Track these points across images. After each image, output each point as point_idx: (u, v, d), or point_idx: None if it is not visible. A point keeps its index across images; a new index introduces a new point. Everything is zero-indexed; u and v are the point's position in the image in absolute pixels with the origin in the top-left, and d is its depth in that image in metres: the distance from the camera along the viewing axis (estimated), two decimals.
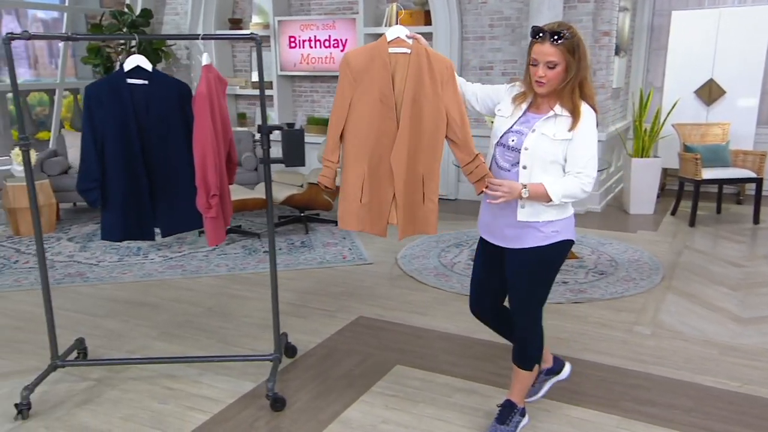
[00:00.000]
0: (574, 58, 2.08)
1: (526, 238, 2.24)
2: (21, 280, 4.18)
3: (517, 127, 2.22)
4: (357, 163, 2.39)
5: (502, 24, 6.17)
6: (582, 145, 2.15)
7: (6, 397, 2.71)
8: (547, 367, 2.69)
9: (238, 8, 7.50)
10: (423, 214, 2.44)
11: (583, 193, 2.18)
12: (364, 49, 2.37)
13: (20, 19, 8.50)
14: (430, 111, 2.32)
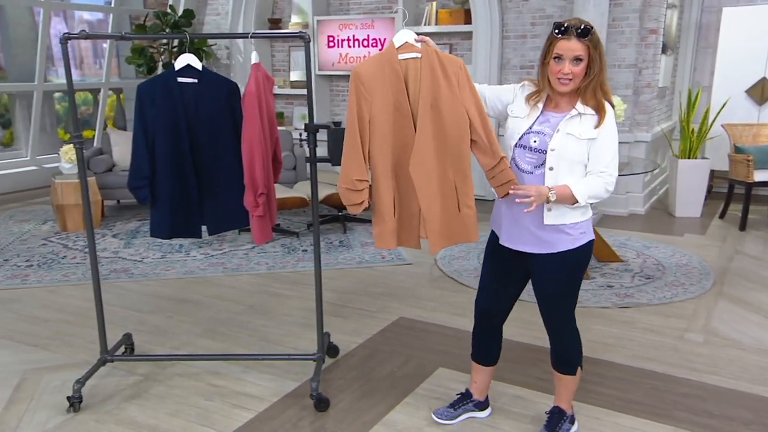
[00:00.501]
0: (597, 53, 2.04)
1: (556, 242, 2.18)
2: (69, 275, 4.28)
3: (537, 127, 2.14)
4: (385, 179, 2.33)
5: (544, 22, 6.07)
6: (606, 144, 2.10)
7: (58, 390, 2.77)
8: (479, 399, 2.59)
9: (277, 8, 7.56)
10: (460, 222, 2.35)
11: (606, 193, 2.13)
12: (373, 60, 2.29)
13: (67, 21, 8.72)
14: (451, 114, 2.23)
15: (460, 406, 2.57)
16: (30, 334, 3.37)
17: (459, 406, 2.56)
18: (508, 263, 2.33)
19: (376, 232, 2.39)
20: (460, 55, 6.64)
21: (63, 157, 5.36)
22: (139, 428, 2.51)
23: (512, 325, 3.44)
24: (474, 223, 2.36)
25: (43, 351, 3.17)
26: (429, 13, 6.48)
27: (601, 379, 2.89)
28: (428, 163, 2.28)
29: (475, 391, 2.59)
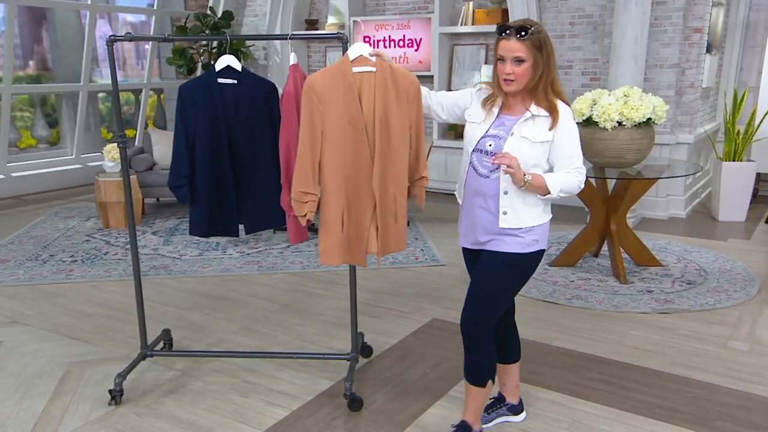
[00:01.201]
0: (542, 54, 2.01)
1: (506, 242, 2.15)
2: (111, 271, 4.39)
3: (493, 131, 2.13)
4: (336, 193, 2.34)
5: (584, 22, 5.97)
6: (565, 144, 2.08)
7: (100, 383, 2.85)
8: (512, 403, 2.54)
9: (314, 9, 7.62)
10: (396, 233, 2.43)
11: (578, 189, 2.13)
12: (327, 72, 2.31)
13: (111, 23, 8.96)
14: (398, 129, 2.30)
15: (493, 410, 2.54)
16: (74, 327, 3.47)
17: (492, 410, 2.53)
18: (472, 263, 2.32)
19: (322, 248, 2.39)
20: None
21: (106, 155, 5.50)
22: (177, 423, 2.56)
23: (550, 329, 3.41)
24: (405, 233, 2.47)
25: (86, 345, 3.26)
26: (465, 13, 6.44)
27: (639, 385, 2.83)
28: (378, 176, 2.33)
29: (506, 394, 2.55)
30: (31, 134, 8.00)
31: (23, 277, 4.28)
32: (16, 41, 7.92)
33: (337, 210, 2.36)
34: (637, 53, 5.14)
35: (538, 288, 4.00)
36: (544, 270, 4.34)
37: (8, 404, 2.68)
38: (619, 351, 3.17)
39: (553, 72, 2.06)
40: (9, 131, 7.00)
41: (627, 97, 3.94)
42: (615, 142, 3.93)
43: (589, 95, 4.04)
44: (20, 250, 4.89)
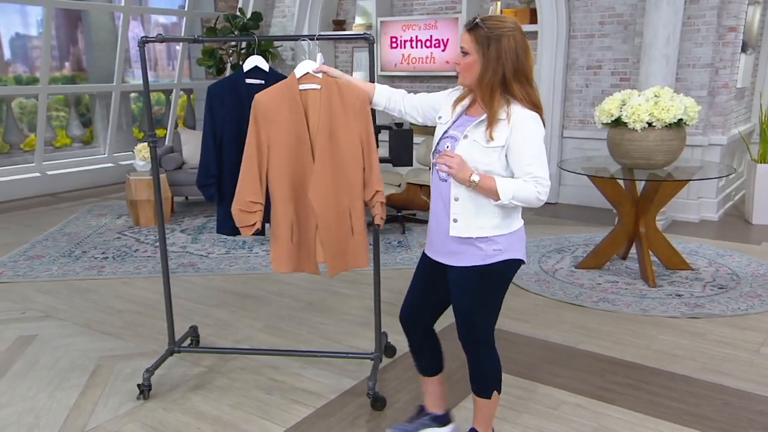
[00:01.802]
0: (488, 51, 1.89)
1: (466, 255, 2.03)
2: (140, 268, 4.48)
3: (452, 131, 2.05)
4: (283, 204, 2.41)
5: (614, 21, 5.88)
6: (523, 150, 1.92)
7: (129, 378, 2.91)
8: (436, 413, 2.42)
9: (341, 10, 7.66)
10: (354, 247, 2.45)
11: (538, 201, 1.94)
12: (275, 89, 2.38)
13: (144, 25, 9.14)
14: (346, 143, 2.35)
15: (415, 419, 2.43)
16: (105, 323, 3.55)
17: (414, 420, 2.43)
18: (431, 274, 2.21)
19: (272, 255, 2.47)
20: None
21: (137, 154, 5.62)
22: (203, 418, 2.60)
23: (575, 332, 3.38)
24: (365, 248, 2.48)
25: (117, 340, 3.34)
26: (493, 13, 6.40)
27: (667, 391, 2.78)
28: (326, 190, 2.38)
29: (429, 405, 2.43)
30: (66, 133, 8.20)
31: (57, 272, 4.39)
32: (52, 43, 8.13)
33: (286, 220, 2.43)
34: (669, 53, 5.05)
35: (563, 290, 3.96)
36: (570, 272, 4.29)
37: (42, 396, 2.76)
38: (646, 355, 3.12)
39: (505, 73, 1.91)
40: (45, 130, 7.19)
41: (657, 97, 3.87)
42: (644, 143, 3.86)
43: (618, 96, 3.98)
44: (54, 246, 5.02)
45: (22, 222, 5.80)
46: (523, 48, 1.91)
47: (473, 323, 2.14)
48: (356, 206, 2.43)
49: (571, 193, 6.26)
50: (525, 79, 1.93)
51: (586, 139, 6.12)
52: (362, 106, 2.35)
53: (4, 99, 7.44)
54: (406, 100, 2.32)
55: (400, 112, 2.32)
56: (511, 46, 1.89)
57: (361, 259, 2.49)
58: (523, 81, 1.93)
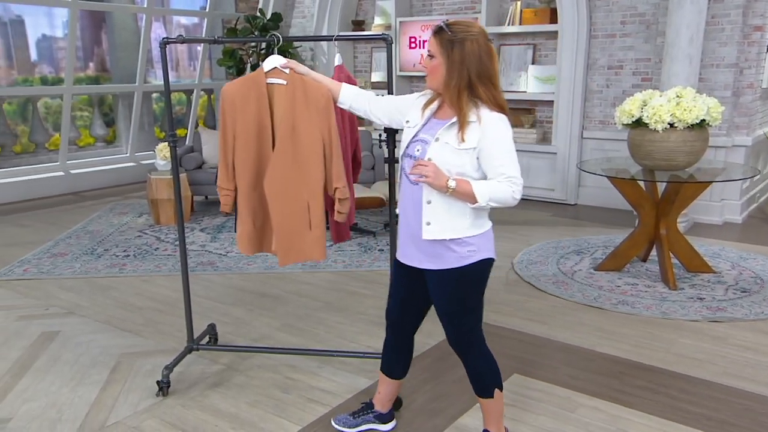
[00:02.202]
0: (452, 54, 1.93)
1: (441, 258, 2.06)
2: (161, 266, 4.54)
3: (422, 135, 2.07)
4: (248, 191, 2.52)
5: (636, 21, 5.82)
6: (494, 151, 1.96)
7: (149, 374, 2.95)
8: (381, 411, 2.49)
9: (361, 10, 7.68)
10: (311, 240, 2.51)
11: (513, 200, 1.99)
12: (243, 81, 2.48)
13: (166, 26, 9.26)
14: (308, 139, 2.42)
15: (360, 415, 2.50)
16: (125, 320, 3.61)
17: (359, 416, 2.50)
18: (407, 277, 2.22)
19: (237, 236, 2.62)
20: (544, 56, 6.49)
21: (158, 154, 5.69)
22: (221, 415, 2.62)
23: (593, 335, 3.35)
24: (322, 242, 2.53)
25: (137, 337, 3.39)
26: (513, 13, 6.37)
27: (687, 395, 2.75)
28: (283, 183, 2.46)
29: (377, 403, 2.49)
30: (90, 133, 8.34)
31: (80, 270, 4.46)
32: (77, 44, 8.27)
33: (249, 206, 2.55)
34: (692, 53, 4.97)
35: (582, 292, 3.93)
36: (589, 274, 4.25)
37: (64, 391, 2.81)
38: (666, 359, 3.08)
39: (470, 76, 1.94)
40: (69, 130, 7.32)
41: (680, 97, 3.82)
42: (666, 144, 3.82)
43: (639, 96, 3.94)
44: (77, 244, 5.10)
45: (47, 220, 5.91)
46: (486, 52, 1.96)
47: (458, 325, 2.17)
48: (315, 201, 2.49)
49: (591, 194, 6.21)
50: (489, 82, 1.97)
51: (607, 140, 6.06)
52: (326, 104, 2.42)
53: (30, 99, 7.59)
54: (372, 102, 2.36)
55: (365, 113, 2.37)
56: (474, 49, 1.94)
57: (318, 252, 2.55)
58: (488, 83, 1.97)
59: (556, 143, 6.28)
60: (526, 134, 6.46)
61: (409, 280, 2.23)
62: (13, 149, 7.57)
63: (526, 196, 6.55)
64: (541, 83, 6.42)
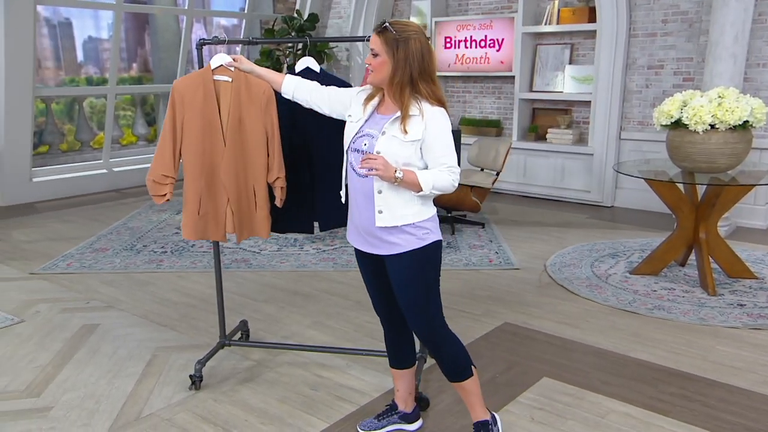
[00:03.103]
0: (397, 52, 2.03)
1: (400, 243, 2.14)
2: (196, 262, 4.64)
3: (367, 129, 2.16)
4: (195, 180, 2.70)
5: (678, 19, 5.67)
6: (436, 143, 2.08)
7: (182, 368, 3.02)
8: (405, 411, 2.50)
9: (397, 10, 7.69)
10: (258, 220, 2.78)
11: (452, 187, 2.10)
12: (192, 77, 2.67)
13: (207, 26, 9.45)
14: (252, 131, 2.67)
15: (385, 417, 2.50)
16: (161, 314, 3.70)
17: (384, 418, 2.50)
18: (372, 266, 2.29)
19: (182, 224, 2.79)
20: (581, 55, 6.39)
21: None
22: (251, 410, 2.67)
23: (627, 340, 3.29)
24: (266, 222, 2.79)
25: (172, 331, 3.47)
26: (550, 12, 6.29)
27: (724, 404, 2.67)
28: (235, 170, 2.70)
29: (399, 402, 2.51)
30: (132, 132, 8.58)
31: (119, 265, 4.60)
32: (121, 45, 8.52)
33: (195, 194, 2.72)
34: (737, 52, 4.82)
35: (616, 296, 3.86)
36: (624, 278, 4.17)
37: (102, 383, 2.90)
38: (703, 366, 3.00)
39: (413, 73, 2.04)
40: (112, 129, 7.54)
41: (722, 98, 3.72)
42: (706, 146, 3.71)
43: (679, 96, 3.84)
44: (118, 240, 5.26)
45: (90, 216, 6.10)
46: (427, 50, 2.07)
47: (428, 311, 2.21)
48: (259, 185, 2.73)
49: (629, 196, 6.08)
50: (429, 78, 2.09)
51: (646, 141, 5.92)
52: (268, 100, 2.65)
53: (76, 99, 7.85)
54: (314, 92, 2.41)
55: (307, 102, 2.43)
56: (417, 48, 2.04)
57: (263, 231, 2.80)
58: (428, 79, 2.09)
59: (592, 144, 6.17)
60: (561, 135, 6.37)
61: (374, 270, 2.29)
62: (59, 147, 7.85)
63: (560, 198, 6.46)
64: (578, 83, 6.32)
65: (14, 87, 6.10)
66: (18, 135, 6.31)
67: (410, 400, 2.52)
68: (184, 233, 2.79)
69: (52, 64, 8.52)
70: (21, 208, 6.43)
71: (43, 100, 7.37)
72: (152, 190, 2.72)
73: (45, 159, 7.50)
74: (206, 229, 2.78)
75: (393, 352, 2.47)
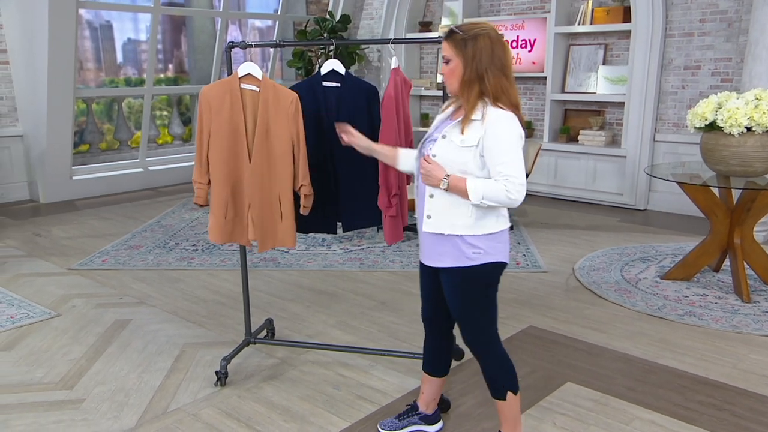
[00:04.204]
0: (465, 51, 1.97)
1: (447, 256, 2.10)
2: (226, 261, 4.73)
3: (435, 133, 2.12)
4: (222, 185, 2.73)
5: (716, 18, 5.53)
6: (494, 150, 1.97)
7: (209, 365, 3.09)
8: (426, 413, 2.50)
9: (428, 11, 7.68)
10: (283, 229, 2.77)
11: (508, 200, 1.97)
12: (219, 85, 2.70)
13: (241, 28, 9.61)
14: (279, 141, 2.68)
15: (405, 417, 2.50)
16: (190, 311, 3.79)
17: (405, 418, 2.50)
18: (427, 275, 2.28)
19: (209, 227, 2.81)
20: (615, 56, 6.28)
21: None
22: (274, 408, 2.72)
23: (656, 346, 3.23)
24: (292, 231, 2.78)
25: (200, 328, 3.55)
26: (584, 12, 6.20)
27: (755, 414, 2.61)
28: (260, 179, 2.72)
29: (421, 404, 2.50)
30: (168, 131, 8.77)
31: (152, 262, 4.72)
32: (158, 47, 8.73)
33: (221, 199, 2.75)
34: None
35: (646, 301, 3.79)
36: (654, 283, 4.09)
37: (132, 377, 2.99)
38: (733, 375, 2.93)
39: (483, 68, 1.96)
40: (149, 128, 7.73)
41: (759, 100, 3.61)
42: (742, 149, 3.62)
43: (714, 98, 3.75)
44: (152, 237, 5.39)
45: (126, 214, 6.28)
46: (499, 44, 1.99)
47: (470, 326, 2.20)
48: (285, 195, 2.74)
49: (663, 199, 5.95)
50: (502, 73, 1.99)
51: (681, 143, 5.79)
52: (296, 109, 2.69)
53: (115, 99, 8.08)
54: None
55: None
56: (486, 44, 1.97)
57: (289, 241, 2.80)
58: (499, 75, 1.98)
59: (625, 146, 6.06)
60: (594, 137, 6.27)
61: (430, 278, 2.28)
62: (99, 146, 8.09)
63: (591, 200, 6.36)
64: (612, 84, 6.21)
65: (56, 89, 6.31)
66: (59, 135, 6.53)
67: (433, 404, 2.53)
68: (211, 237, 2.83)
69: (93, 66, 8.78)
70: (61, 205, 6.65)
71: (84, 100, 7.61)
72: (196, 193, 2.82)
73: (85, 158, 7.74)
74: (233, 231, 2.83)
75: (428, 357, 2.47)
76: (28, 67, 6.38)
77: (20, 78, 6.53)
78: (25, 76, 6.47)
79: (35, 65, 6.28)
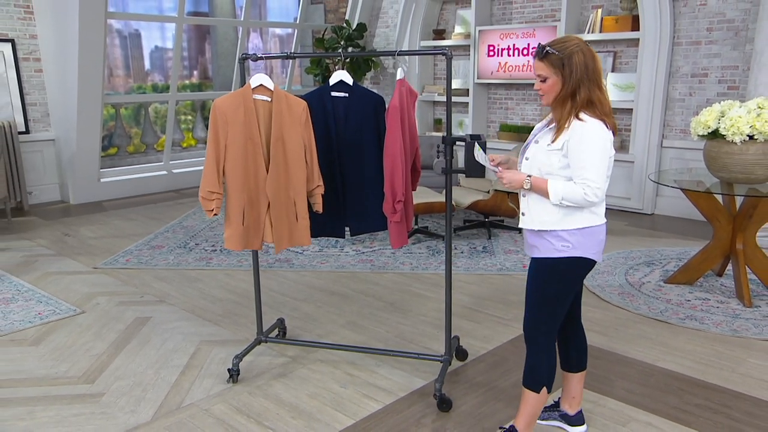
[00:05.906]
0: (564, 71, 2.10)
1: (540, 248, 2.25)
2: (242, 261, 4.89)
3: (531, 139, 2.31)
4: (238, 194, 2.85)
5: (723, 27, 5.56)
6: (576, 154, 2.11)
7: (222, 362, 3.24)
8: (567, 412, 2.57)
9: (442, 19, 7.80)
10: (298, 229, 2.92)
11: (585, 202, 2.13)
12: (232, 97, 2.80)
13: (262, 36, 9.82)
14: (293, 148, 2.82)
15: (547, 411, 2.63)
16: (207, 310, 3.95)
17: (545, 411, 2.63)
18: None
19: (226, 235, 2.92)
20: (624, 63, 6.34)
21: None
22: (282, 404, 2.85)
23: (656, 349, 3.31)
24: (307, 231, 2.94)
25: (215, 326, 3.71)
26: (593, 21, 6.27)
27: (751, 418, 2.67)
28: (278, 184, 2.85)
29: (562, 401, 2.61)
30: (192, 135, 9.01)
31: (173, 262, 4.91)
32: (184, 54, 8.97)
33: (239, 207, 2.86)
34: None
35: (648, 305, 3.86)
36: (658, 286, 4.16)
37: (149, 372, 3.15)
38: (731, 378, 2.99)
39: (573, 87, 2.10)
40: (173, 132, 7.96)
41: (761, 109, 3.67)
42: (744, 156, 3.68)
43: (717, 107, 3.81)
44: (173, 238, 5.59)
45: (149, 215, 6.49)
46: (591, 57, 2.12)
47: (536, 314, 2.31)
48: (300, 198, 2.89)
49: (670, 204, 5.99)
50: (595, 85, 2.13)
51: (688, 149, 5.83)
52: (306, 118, 2.84)
53: (142, 104, 8.33)
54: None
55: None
56: (581, 59, 2.11)
57: (305, 239, 2.95)
58: (593, 86, 2.12)
59: (633, 152, 6.11)
60: None
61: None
62: (127, 149, 8.36)
63: None
64: (620, 91, 6.27)
65: (86, 96, 6.56)
66: (88, 139, 6.79)
67: (573, 403, 2.57)
68: (228, 244, 2.90)
69: (123, 72, 9.07)
70: (90, 206, 6.92)
71: (113, 105, 7.87)
72: (203, 205, 2.86)
73: (114, 160, 8.01)
74: (248, 237, 2.94)
75: (560, 352, 2.53)
76: (60, 74, 6.65)
77: (52, 85, 6.81)
78: (57, 84, 6.74)
79: (66, 73, 6.53)
